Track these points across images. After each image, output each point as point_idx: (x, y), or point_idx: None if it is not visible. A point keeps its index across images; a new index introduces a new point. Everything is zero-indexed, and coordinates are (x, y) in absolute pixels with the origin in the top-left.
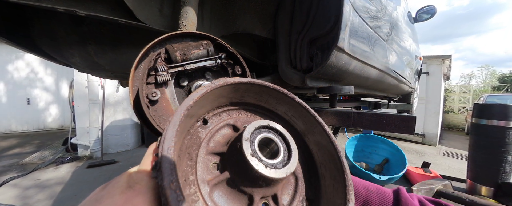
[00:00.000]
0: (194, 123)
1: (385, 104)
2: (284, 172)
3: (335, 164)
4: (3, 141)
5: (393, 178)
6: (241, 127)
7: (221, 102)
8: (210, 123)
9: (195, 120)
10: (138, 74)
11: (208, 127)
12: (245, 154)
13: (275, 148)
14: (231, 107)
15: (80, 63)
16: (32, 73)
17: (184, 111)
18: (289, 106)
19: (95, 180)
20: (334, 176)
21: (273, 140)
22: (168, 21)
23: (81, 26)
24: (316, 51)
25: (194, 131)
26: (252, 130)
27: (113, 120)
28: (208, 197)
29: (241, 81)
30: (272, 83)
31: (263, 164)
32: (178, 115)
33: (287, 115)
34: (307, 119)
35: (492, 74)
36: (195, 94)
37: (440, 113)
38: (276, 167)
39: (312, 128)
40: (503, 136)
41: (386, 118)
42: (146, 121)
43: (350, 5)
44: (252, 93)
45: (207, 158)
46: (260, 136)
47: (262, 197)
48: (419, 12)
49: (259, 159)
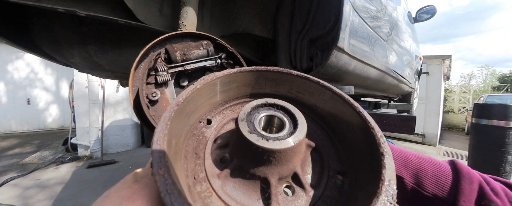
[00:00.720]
0: (197, 124)
1: (385, 104)
2: (291, 141)
3: (358, 122)
4: (3, 141)
5: None
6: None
7: (222, 98)
8: (214, 121)
9: (196, 120)
10: (138, 74)
11: (212, 126)
12: (243, 132)
13: (279, 123)
14: (234, 102)
15: (80, 63)
16: (32, 73)
17: (174, 107)
18: (290, 83)
19: (95, 180)
20: (362, 138)
21: (274, 115)
22: (168, 21)
23: (81, 26)
24: (316, 51)
25: (199, 132)
26: (249, 110)
27: (113, 120)
28: (222, 191)
29: (231, 72)
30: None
31: (264, 139)
32: (167, 112)
33: (291, 93)
34: (312, 89)
35: (492, 74)
36: (184, 91)
37: (440, 113)
38: (279, 138)
39: (321, 97)
40: (503, 136)
41: (386, 118)
42: (146, 121)
43: (350, 5)
44: (248, 83)
45: (216, 153)
46: (260, 116)
47: (280, 179)
48: (419, 12)
49: (258, 134)
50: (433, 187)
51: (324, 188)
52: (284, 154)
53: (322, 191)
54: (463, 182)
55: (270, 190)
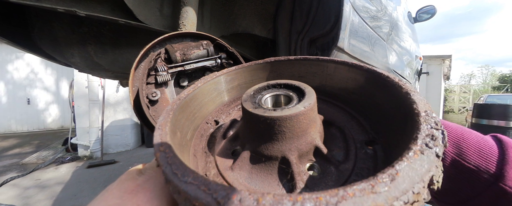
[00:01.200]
0: (204, 125)
1: None
2: (300, 106)
3: (370, 80)
4: (3, 141)
5: None
6: None
7: (226, 97)
8: (222, 121)
9: (203, 120)
10: (138, 74)
11: (221, 126)
12: (248, 109)
13: (286, 99)
14: (239, 102)
15: (80, 63)
16: (32, 73)
17: (177, 101)
18: (290, 69)
19: (95, 180)
20: (381, 95)
21: (278, 94)
22: (168, 21)
23: (81, 26)
24: (316, 51)
25: (207, 133)
26: (250, 93)
27: (113, 120)
28: (237, 183)
29: (230, 69)
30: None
31: (271, 110)
32: (170, 105)
33: (295, 78)
34: (313, 69)
35: (492, 74)
36: (188, 88)
37: (440, 113)
38: (288, 108)
39: (325, 72)
40: None
41: None
42: (146, 121)
43: (350, 5)
44: (250, 80)
45: (226, 148)
46: (264, 97)
47: (301, 156)
48: (419, 12)
49: (264, 109)
50: (477, 158)
51: (354, 160)
52: (297, 122)
53: (353, 163)
54: (510, 153)
55: (292, 170)
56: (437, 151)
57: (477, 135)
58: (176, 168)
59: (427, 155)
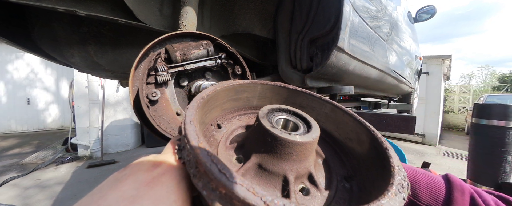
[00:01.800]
0: (208, 126)
1: (385, 104)
2: (309, 136)
3: (358, 132)
4: (3, 141)
5: None
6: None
7: (231, 106)
8: (223, 127)
9: (209, 122)
10: (138, 74)
11: (222, 130)
12: (266, 127)
13: (293, 125)
14: (241, 112)
15: (80, 63)
16: (32, 73)
17: (199, 99)
18: (295, 97)
19: (95, 180)
20: (364, 142)
21: (289, 119)
22: (168, 21)
23: (81, 26)
24: (316, 51)
25: (210, 134)
26: (266, 112)
27: (113, 120)
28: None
29: (244, 82)
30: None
31: (286, 133)
32: (194, 101)
33: (296, 106)
34: (313, 104)
35: (492, 74)
36: (207, 89)
37: (440, 113)
38: (299, 134)
39: (322, 110)
40: (503, 136)
41: (386, 118)
42: (146, 121)
43: (350, 5)
44: (257, 94)
45: (228, 153)
46: (276, 118)
47: (297, 178)
48: (419, 12)
49: (280, 130)
50: (428, 198)
51: (335, 190)
52: (304, 149)
53: (334, 192)
54: (456, 193)
55: (289, 188)
56: (404, 196)
57: (428, 176)
58: (223, 168)
59: (399, 197)
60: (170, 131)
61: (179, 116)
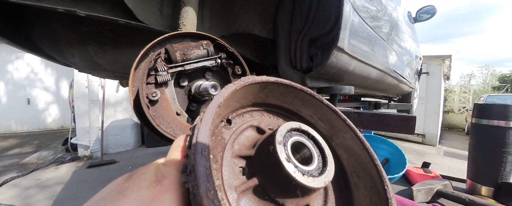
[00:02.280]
0: (219, 123)
1: (385, 104)
2: (322, 181)
3: (370, 173)
4: (3, 141)
5: (393, 178)
6: (266, 129)
7: (245, 102)
8: (233, 123)
9: (219, 120)
10: (138, 74)
11: (232, 128)
12: (280, 159)
13: (307, 153)
14: (254, 108)
15: (80, 63)
16: (32, 73)
17: (216, 108)
18: (316, 109)
19: (95, 180)
20: (371, 187)
21: (305, 144)
22: (168, 21)
23: (81, 26)
24: (316, 51)
25: (218, 131)
26: (284, 133)
27: (113, 120)
28: (236, 205)
29: (269, 80)
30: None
31: (299, 172)
32: (209, 112)
33: (313, 119)
34: (335, 124)
35: (492, 74)
36: (225, 91)
37: (440, 113)
38: (313, 175)
39: (342, 133)
40: (503, 136)
41: (386, 118)
42: (146, 121)
43: (350, 5)
44: (278, 94)
45: (233, 161)
46: (291, 139)
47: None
48: (419, 12)
49: (295, 165)
50: None
51: None
52: (311, 191)
53: None
54: None
55: None
56: None
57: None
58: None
59: None
60: (170, 131)
61: (179, 116)
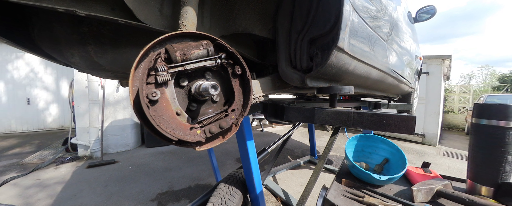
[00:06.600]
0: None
1: (385, 104)
2: None
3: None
4: (3, 141)
5: (393, 178)
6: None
7: None
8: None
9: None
10: (138, 74)
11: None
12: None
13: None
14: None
15: (80, 63)
16: (32, 73)
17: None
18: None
19: (95, 180)
20: None
21: None
22: (168, 21)
23: (81, 26)
24: (316, 51)
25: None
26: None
27: (113, 120)
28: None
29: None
30: (273, 83)
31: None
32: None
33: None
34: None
35: (492, 74)
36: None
37: (440, 113)
38: None
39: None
40: (503, 136)
41: (386, 118)
42: (146, 121)
43: (350, 5)
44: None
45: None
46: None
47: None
48: (419, 12)
49: None
50: None
51: None
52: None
53: None
54: None
55: None
56: None
57: None
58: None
59: None
60: (170, 131)
61: (179, 116)
